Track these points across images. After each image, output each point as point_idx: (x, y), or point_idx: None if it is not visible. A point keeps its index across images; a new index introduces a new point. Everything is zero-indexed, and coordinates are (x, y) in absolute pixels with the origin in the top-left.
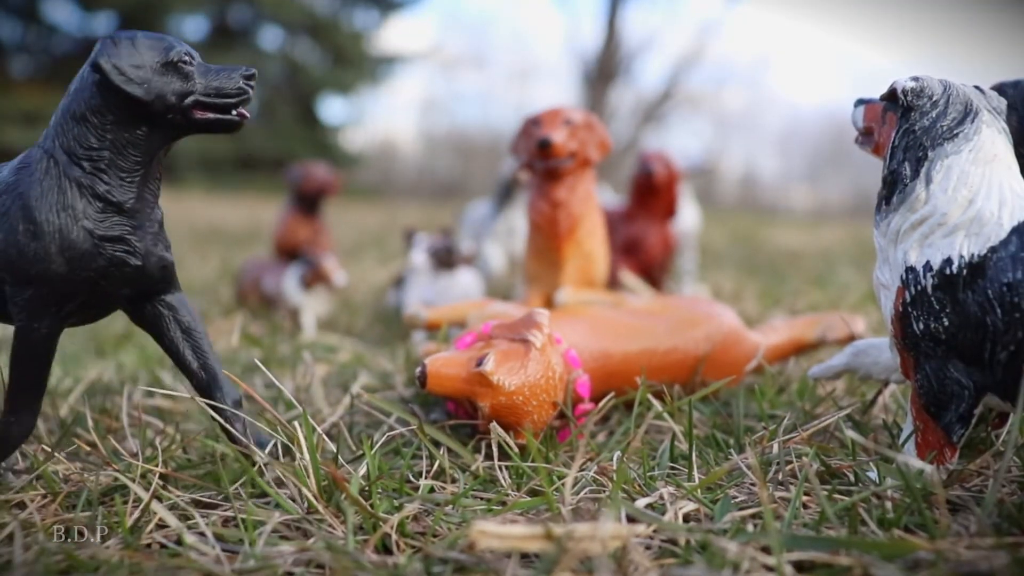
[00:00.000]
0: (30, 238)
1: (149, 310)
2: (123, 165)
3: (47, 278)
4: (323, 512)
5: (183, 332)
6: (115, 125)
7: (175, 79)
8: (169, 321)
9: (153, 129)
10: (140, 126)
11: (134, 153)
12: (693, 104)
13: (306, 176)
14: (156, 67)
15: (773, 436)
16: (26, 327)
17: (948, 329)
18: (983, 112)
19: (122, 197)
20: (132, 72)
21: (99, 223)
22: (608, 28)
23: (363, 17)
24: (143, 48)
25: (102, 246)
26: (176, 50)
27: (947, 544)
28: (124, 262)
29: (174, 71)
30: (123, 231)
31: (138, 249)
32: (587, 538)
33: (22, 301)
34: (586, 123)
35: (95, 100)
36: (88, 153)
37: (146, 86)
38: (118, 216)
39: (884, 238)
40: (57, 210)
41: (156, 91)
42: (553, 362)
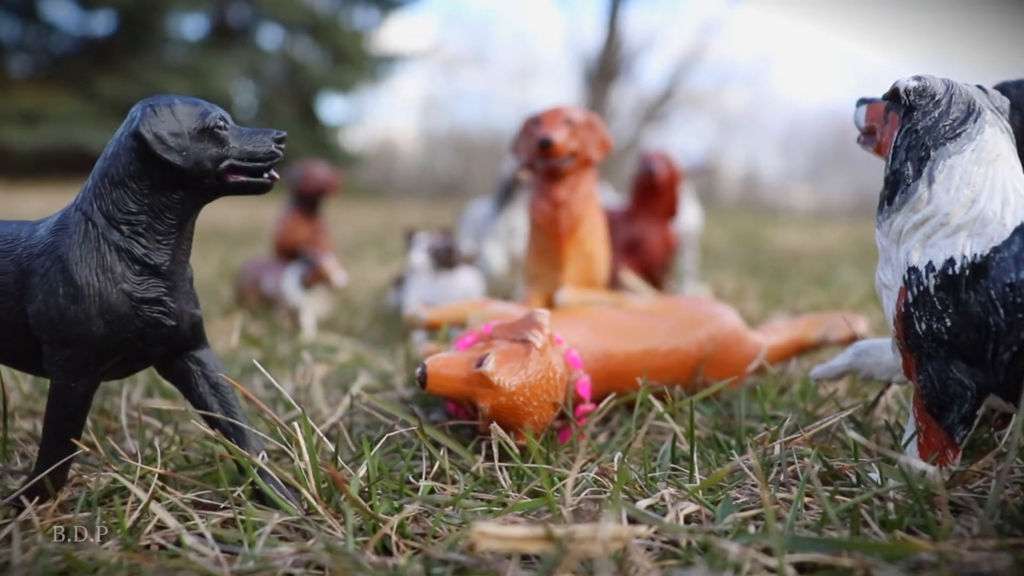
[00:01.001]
0: (70, 301)
1: (179, 365)
2: (160, 228)
3: (86, 340)
4: (323, 513)
5: (211, 387)
6: (153, 190)
7: (211, 145)
8: (198, 376)
9: (189, 193)
10: (177, 191)
11: (170, 217)
12: (694, 103)
13: (306, 176)
14: (193, 134)
15: (775, 437)
16: (63, 386)
17: (951, 330)
18: (986, 112)
19: (159, 260)
20: (172, 140)
21: (137, 286)
22: (609, 27)
23: (363, 16)
24: (181, 115)
25: (140, 308)
26: (212, 116)
27: (949, 546)
28: (160, 323)
29: (210, 137)
30: (159, 293)
31: (173, 310)
32: (588, 539)
33: (61, 360)
34: (587, 122)
35: (134, 166)
36: (127, 217)
37: (185, 154)
38: (155, 278)
39: (886, 238)
40: (97, 273)
41: (194, 158)
42: (554, 362)
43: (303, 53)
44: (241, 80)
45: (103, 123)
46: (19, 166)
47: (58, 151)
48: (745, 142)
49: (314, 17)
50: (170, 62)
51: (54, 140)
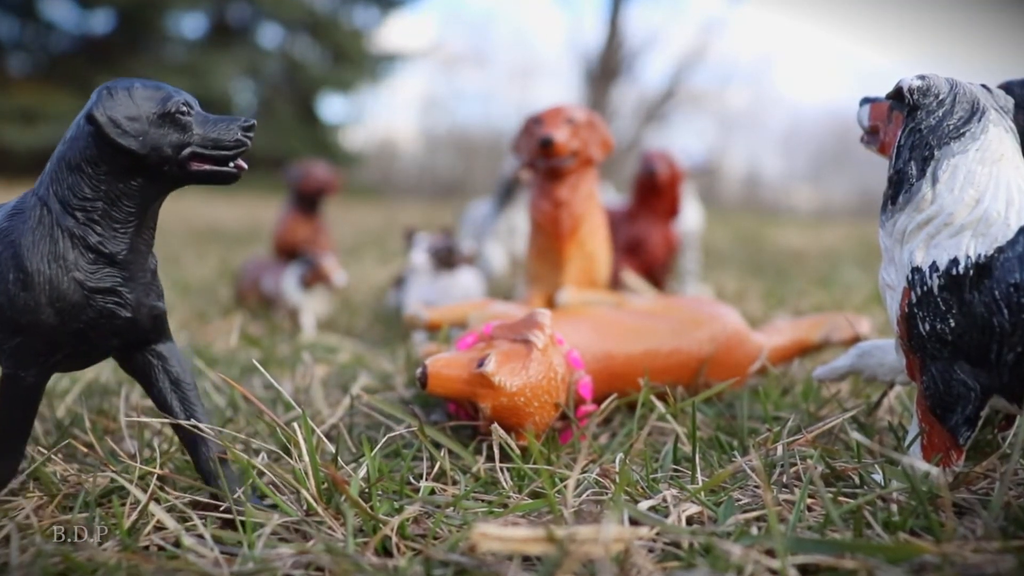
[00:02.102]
0: (20, 288)
1: (139, 359)
2: (117, 216)
3: (36, 328)
4: (323, 514)
5: (171, 383)
6: (109, 176)
7: (172, 131)
8: (158, 371)
9: (148, 181)
10: (135, 177)
11: (128, 204)
12: (696, 103)
13: (306, 175)
14: (152, 119)
15: (777, 438)
16: (13, 375)
17: (954, 330)
18: (990, 111)
19: (114, 248)
20: (127, 125)
21: (90, 275)
22: (610, 26)
23: (363, 15)
24: (140, 99)
25: (92, 298)
26: (174, 100)
27: (953, 547)
28: (114, 314)
29: (171, 122)
30: (114, 283)
31: (129, 301)
32: (589, 541)
33: (10, 349)
34: (588, 122)
35: (90, 150)
36: (82, 203)
37: (142, 139)
38: (110, 267)
39: (890, 238)
40: (48, 260)
41: (152, 144)
42: (555, 363)
43: (303, 52)
44: (240, 79)
45: None
46: (18, 165)
47: None
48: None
49: (314, 16)
50: (169, 61)
51: (53, 139)
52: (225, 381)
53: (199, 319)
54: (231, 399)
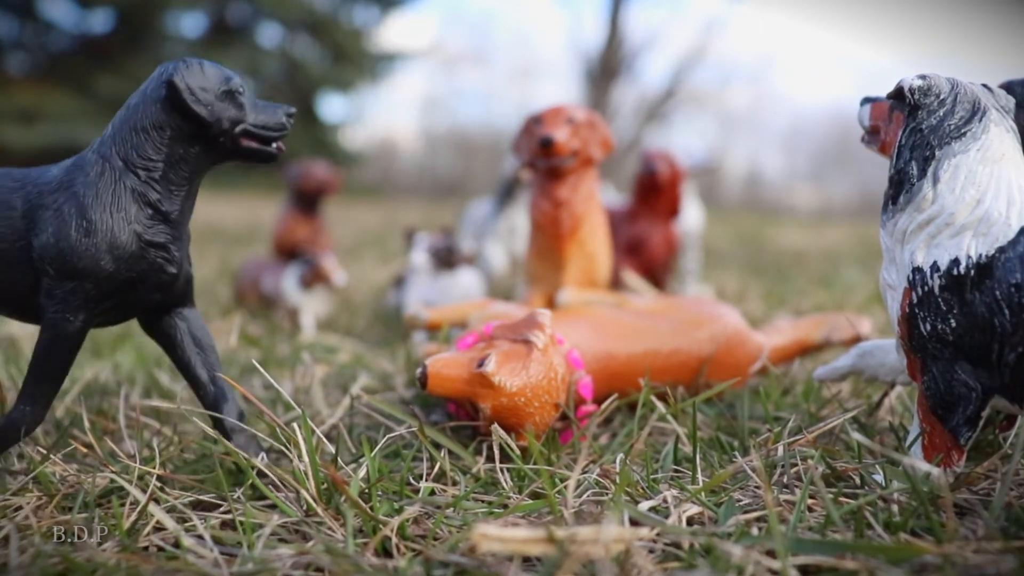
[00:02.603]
0: (83, 234)
1: (166, 321)
2: (174, 178)
3: (93, 273)
4: (322, 515)
5: (195, 345)
6: (173, 140)
7: (231, 107)
8: (184, 334)
9: (205, 149)
10: (195, 144)
11: (184, 169)
12: (697, 102)
13: (306, 175)
14: (219, 93)
15: (778, 438)
16: (60, 319)
17: (955, 330)
18: (991, 111)
19: (170, 208)
20: (201, 94)
21: (148, 228)
22: (611, 25)
23: (363, 14)
24: (210, 74)
25: (147, 250)
26: (235, 80)
27: (954, 548)
28: (163, 268)
29: (231, 99)
30: (166, 239)
31: (176, 258)
32: (590, 541)
33: (62, 294)
34: (588, 121)
35: (159, 115)
36: (145, 163)
37: (210, 108)
38: (164, 225)
39: (891, 238)
40: (112, 211)
41: (216, 114)
42: (555, 363)
43: (302, 51)
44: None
45: (101, 121)
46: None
47: (56, 150)
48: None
49: (313, 15)
50: (169, 60)
51: (52, 139)
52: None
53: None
54: None
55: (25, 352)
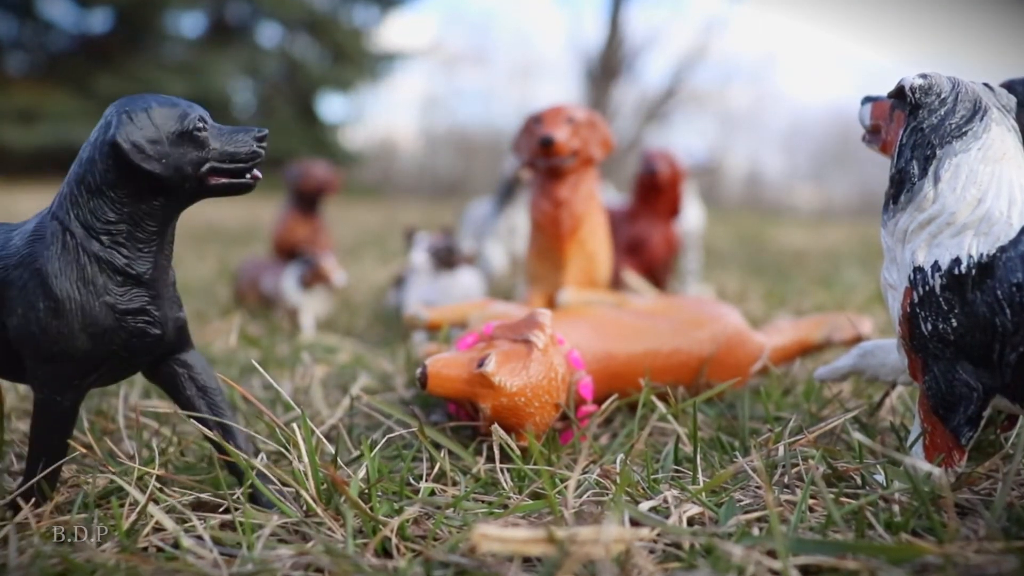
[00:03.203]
0: (51, 316)
1: (165, 370)
2: (141, 236)
3: (69, 355)
4: (322, 515)
5: (199, 390)
6: (131, 198)
7: (191, 149)
8: (184, 380)
9: (169, 199)
10: (157, 198)
11: (151, 224)
12: (697, 102)
13: (305, 174)
14: (172, 138)
15: (779, 438)
16: (48, 400)
17: (956, 330)
18: (992, 110)
19: (141, 269)
20: (150, 148)
21: (120, 297)
22: (611, 24)
23: (363, 13)
24: (159, 119)
25: (124, 319)
26: (190, 118)
27: (955, 548)
28: (145, 332)
29: (189, 141)
30: (143, 303)
31: (158, 318)
32: (590, 542)
33: (44, 376)
34: (589, 121)
35: (111, 174)
36: (106, 227)
37: (164, 161)
38: (138, 288)
39: (892, 238)
40: (78, 286)
41: (173, 164)
42: (555, 363)
43: (302, 51)
44: (240, 78)
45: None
46: (16, 165)
47: (55, 150)
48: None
49: (313, 15)
50: (168, 60)
51: (51, 139)
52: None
53: (198, 319)
54: (230, 399)
55: None
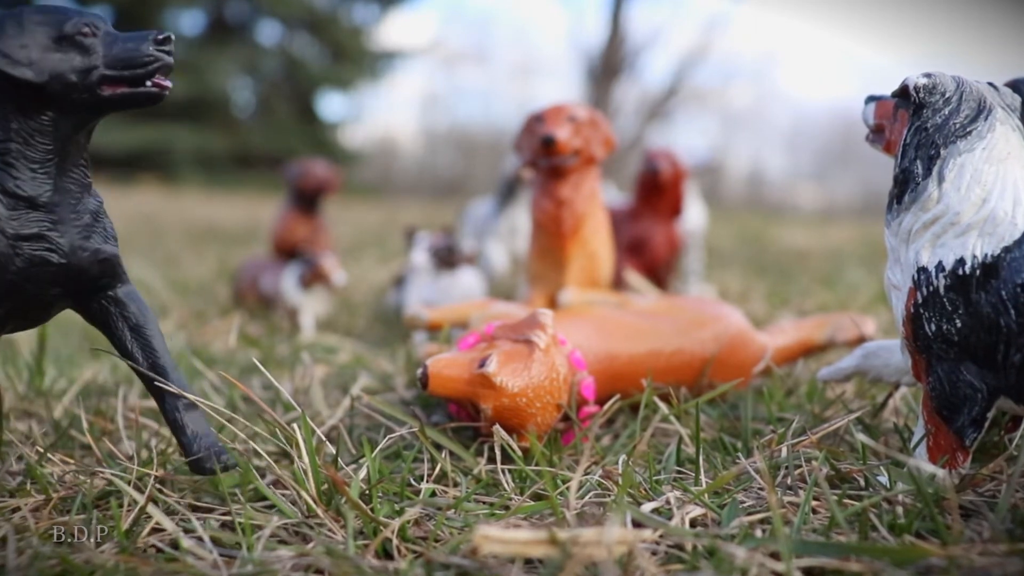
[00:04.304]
0: None
1: (95, 307)
2: (32, 156)
3: None
4: (323, 516)
5: (131, 330)
6: (16, 113)
7: (74, 54)
8: (116, 318)
9: (60, 112)
10: (44, 111)
11: (43, 141)
12: (699, 101)
13: (305, 173)
14: (48, 44)
15: (782, 439)
16: None
17: (961, 331)
18: (997, 109)
19: (34, 191)
20: (18, 52)
21: (11, 221)
22: (612, 23)
23: (363, 12)
24: (30, 25)
25: (18, 246)
26: (72, 22)
27: (960, 550)
28: (46, 260)
29: (71, 45)
30: (40, 228)
31: (60, 245)
32: (593, 543)
33: None
34: (591, 120)
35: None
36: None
37: (35, 66)
38: (33, 211)
39: (895, 238)
40: None
41: (50, 70)
42: (557, 363)
43: (302, 49)
44: (239, 77)
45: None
46: None
47: None
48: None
49: (313, 13)
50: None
51: None
52: (225, 380)
53: (197, 319)
54: (230, 399)
55: (23, 353)
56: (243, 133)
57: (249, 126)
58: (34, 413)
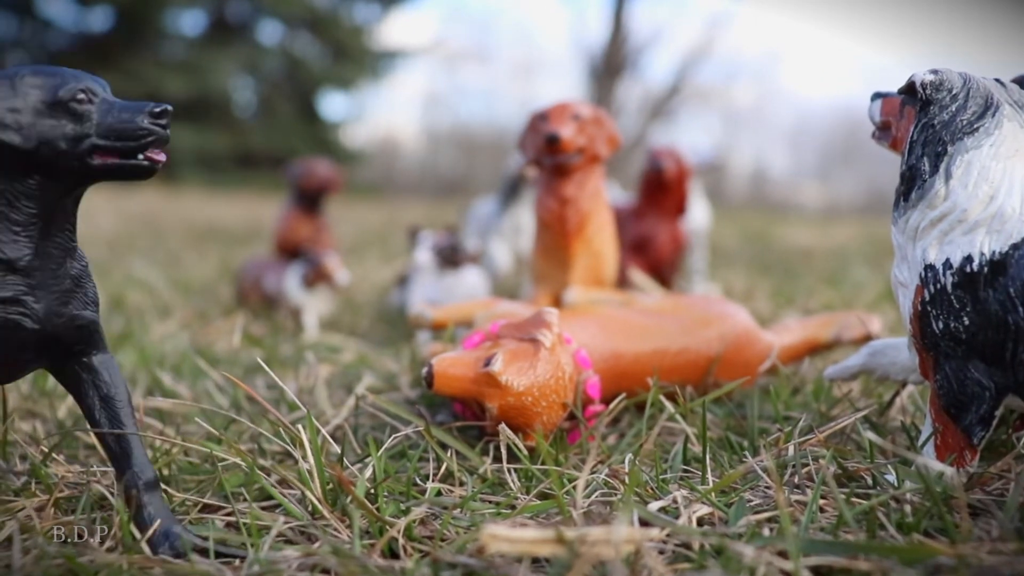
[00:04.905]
0: None
1: (69, 372)
2: (16, 218)
3: None
4: (328, 516)
5: (101, 399)
6: (2, 175)
7: (67, 121)
8: (88, 386)
9: (47, 178)
10: (31, 175)
11: (28, 205)
12: (702, 99)
13: (308, 173)
14: (41, 108)
15: (789, 438)
16: None
17: (968, 328)
18: (1004, 106)
19: (14, 254)
20: (7, 117)
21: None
22: (614, 21)
23: (364, 11)
24: (24, 88)
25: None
26: (68, 87)
27: (968, 549)
28: (19, 325)
29: (65, 112)
30: (16, 292)
31: (35, 311)
32: (600, 542)
33: None
34: (595, 118)
35: None
36: None
37: (24, 131)
38: (10, 275)
39: (902, 235)
40: None
41: (39, 136)
42: (563, 362)
43: (303, 49)
44: (240, 76)
45: None
46: None
47: None
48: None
49: (314, 12)
50: (168, 58)
51: None
52: (229, 380)
53: (200, 319)
54: (234, 399)
55: None
56: (244, 133)
57: (250, 126)
58: (38, 413)
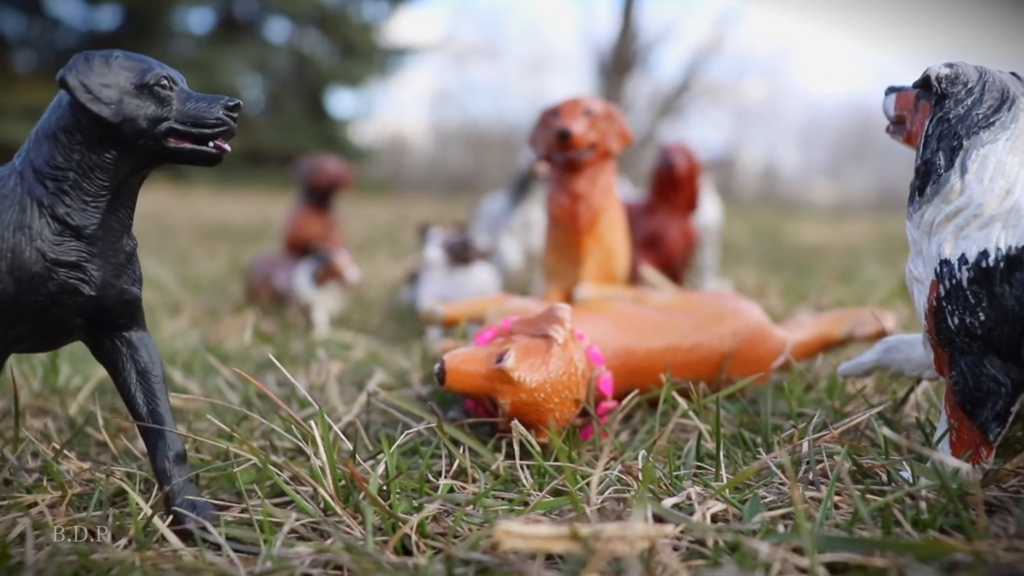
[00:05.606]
0: None
1: (107, 345)
2: (88, 188)
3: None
4: (341, 513)
5: (138, 374)
6: (83, 146)
7: (150, 103)
8: (126, 359)
9: (123, 154)
10: (109, 149)
11: (101, 177)
12: (712, 96)
13: (318, 170)
14: (129, 88)
15: (803, 435)
16: None
17: (984, 324)
18: (1020, 99)
19: (82, 221)
20: (100, 91)
21: (54, 246)
22: (624, 17)
23: (372, 8)
24: (117, 68)
25: (54, 270)
26: (154, 72)
27: (985, 546)
28: (77, 290)
29: (149, 95)
30: (79, 257)
31: (94, 278)
32: (615, 539)
33: None
34: (606, 113)
35: (65, 118)
36: (53, 172)
37: (114, 107)
38: (76, 241)
39: (917, 230)
40: (13, 228)
41: (126, 113)
42: (575, 358)
43: (311, 46)
44: (248, 74)
45: None
46: None
47: None
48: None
49: (322, 9)
50: (177, 56)
51: None
52: (240, 376)
53: (210, 316)
54: (245, 396)
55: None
56: (253, 131)
57: (259, 123)
58: (49, 410)
